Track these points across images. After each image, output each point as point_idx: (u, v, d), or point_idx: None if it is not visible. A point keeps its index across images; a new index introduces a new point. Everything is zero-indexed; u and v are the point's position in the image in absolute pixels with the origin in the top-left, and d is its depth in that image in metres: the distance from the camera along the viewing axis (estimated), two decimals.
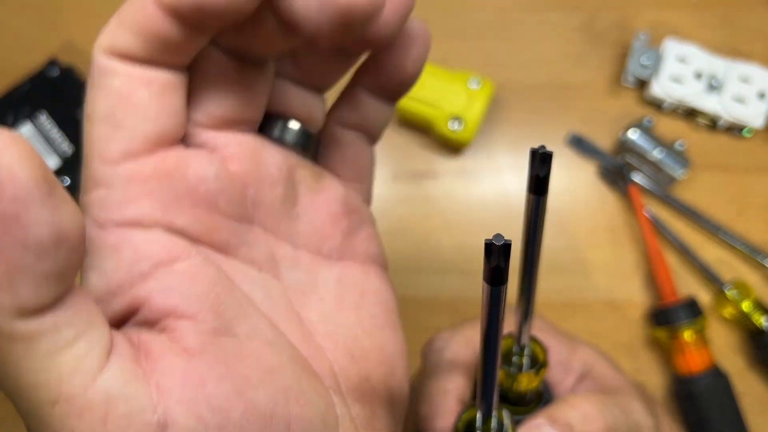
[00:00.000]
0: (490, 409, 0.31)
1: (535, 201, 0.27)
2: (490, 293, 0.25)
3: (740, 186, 0.60)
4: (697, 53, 0.59)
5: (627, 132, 0.59)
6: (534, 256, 0.29)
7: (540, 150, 0.25)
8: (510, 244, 0.24)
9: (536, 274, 0.30)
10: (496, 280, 0.24)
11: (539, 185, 0.26)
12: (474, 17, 0.63)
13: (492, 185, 0.60)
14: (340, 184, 0.31)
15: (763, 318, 0.55)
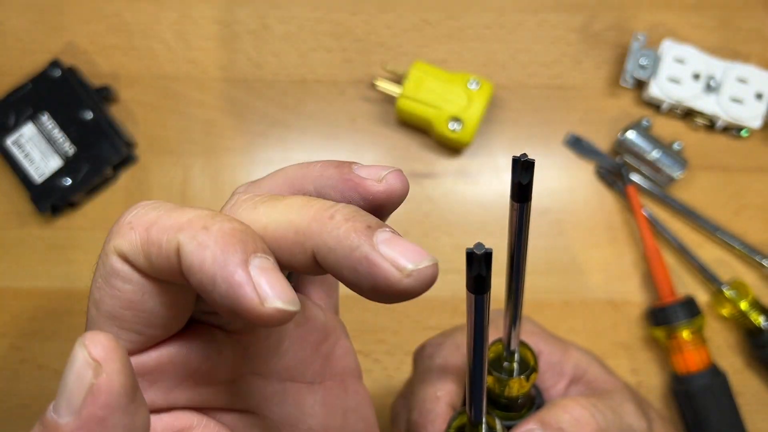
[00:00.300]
0: (480, 414, 0.32)
1: (519, 208, 0.27)
2: (473, 301, 0.25)
3: (738, 186, 0.60)
4: (695, 54, 0.60)
5: (625, 132, 0.59)
6: (520, 262, 0.29)
7: (522, 158, 0.25)
8: (491, 253, 0.24)
9: (523, 280, 0.30)
10: (478, 289, 0.25)
11: (522, 192, 0.26)
12: (473, 19, 0.63)
13: (491, 185, 0.60)
14: (318, 308, 0.30)
15: (760, 317, 0.56)
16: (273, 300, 0.20)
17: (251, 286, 0.20)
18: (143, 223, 0.23)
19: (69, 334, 0.57)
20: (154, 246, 0.22)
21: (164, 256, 0.22)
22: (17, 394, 0.57)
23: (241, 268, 0.20)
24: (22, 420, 0.56)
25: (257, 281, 0.20)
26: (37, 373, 0.57)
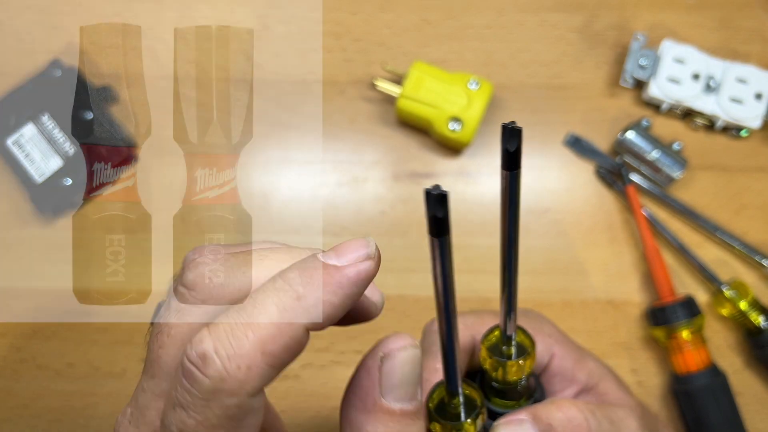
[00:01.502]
0: (455, 385, 0.32)
1: (509, 177, 0.27)
2: (434, 245, 0.26)
3: (738, 186, 0.60)
4: (694, 54, 0.60)
5: (625, 132, 0.59)
6: (512, 236, 0.30)
7: (509, 125, 0.25)
8: (446, 194, 0.24)
9: (517, 257, 0.31)
10: (436, 231, 0.25)
11: (510, 160, 0.26)
12: (473, 18, 0.63)
13: (491, 185, 0.60)
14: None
15: (760, 317, 0.56)
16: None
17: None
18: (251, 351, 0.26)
19: (69, 335, 0.57)
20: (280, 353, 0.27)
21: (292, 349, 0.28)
22: (17, 394, 0.57)
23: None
24: (21, 420, 0.56)
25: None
26: (36, 373, 0.57)
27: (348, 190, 0.60)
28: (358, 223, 0.59)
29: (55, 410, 0.56)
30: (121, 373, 0.57)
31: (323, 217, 0.59)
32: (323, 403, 0.56)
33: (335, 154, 0.61)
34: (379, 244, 0.59)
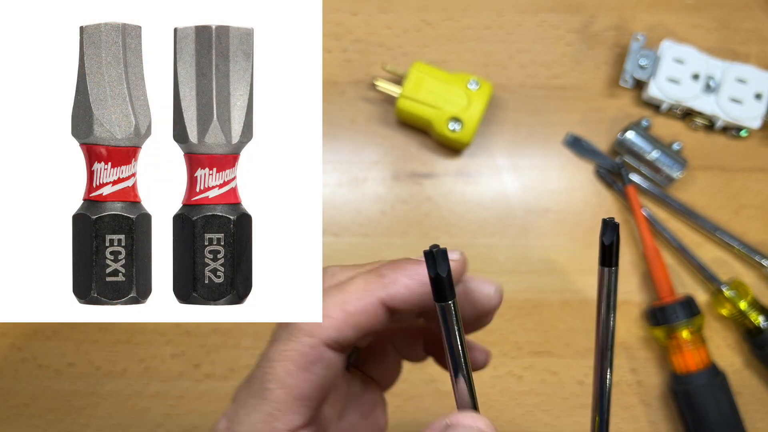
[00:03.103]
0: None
1: (605, 274, 0.29)
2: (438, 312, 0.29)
3: (737, 186, 0.60)
4: (694, 54, 0.60)
5: (625, 132, 0.59)
6: (608, 334, 0.31)
7: (609, 220, 0.28)
8: (446, 251, 0.28)
9: (612, 365, 0.32)
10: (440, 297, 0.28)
11: (606, 254, 0.28)
12: (473, 19, 0.63)
13: (491, 185, 0.60)
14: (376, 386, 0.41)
15: (760, 317, 0.56)
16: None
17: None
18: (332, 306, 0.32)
19: (70, 334, 0.58)
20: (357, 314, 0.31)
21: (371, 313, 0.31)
22: (18, 394, 0.57)
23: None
24: (22, 419, 0.56)
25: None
26: (37, 373, 0.57)
27: (348, 190, 0.60)
28: (358, 223, 0.60)
29: (55, 410, 0.57)
30: (122, 372, 0.57)
31: (323, 217, 0.59)
32: None
33: (335, 154, 0.61)
34: (379, 244, 0.59)
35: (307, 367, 0.30)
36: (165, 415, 0.57)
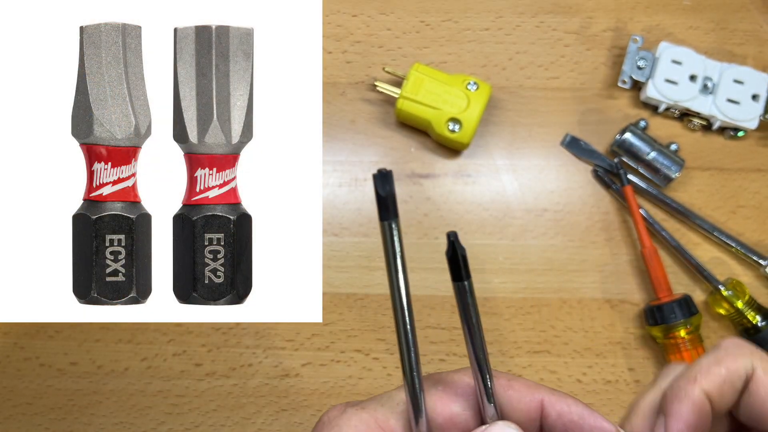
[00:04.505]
0: (416, 390, 0.31)
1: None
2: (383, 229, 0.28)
3: (734, 186, 0.61)
4: (691, 56, 0.60)
5: (623, 133, 0.59)
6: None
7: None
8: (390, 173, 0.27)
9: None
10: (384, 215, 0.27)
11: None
12: (472, 21, 0.63)
13: (490, 186, 0.61)
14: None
15: (757, 316, 0.56)
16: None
17: None
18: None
19: (72, 333, 0.58)
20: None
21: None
22: (20, 393, 0.57)
23: None
24: (25, 418, 0.57)
25: None
26: (40, 372, 0.57)
27: (348, 190, 0.61)
28: (358, 224, 0.60)
29: (58, 408, 0.57)
30: (124, 371, 0.57)
31: (323, 217, 0.60)
32: (324, 401, 0.57)
33: (335, 155, 0.61)
34: (379, 244, 0.59)
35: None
36: (167, 413, 0.57)
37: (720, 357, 0.32)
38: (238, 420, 0.57)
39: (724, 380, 0.31)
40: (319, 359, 0.58)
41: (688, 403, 0.30)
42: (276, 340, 0.58)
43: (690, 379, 0.31)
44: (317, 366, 0.58)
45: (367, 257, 0.59)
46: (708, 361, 0.31)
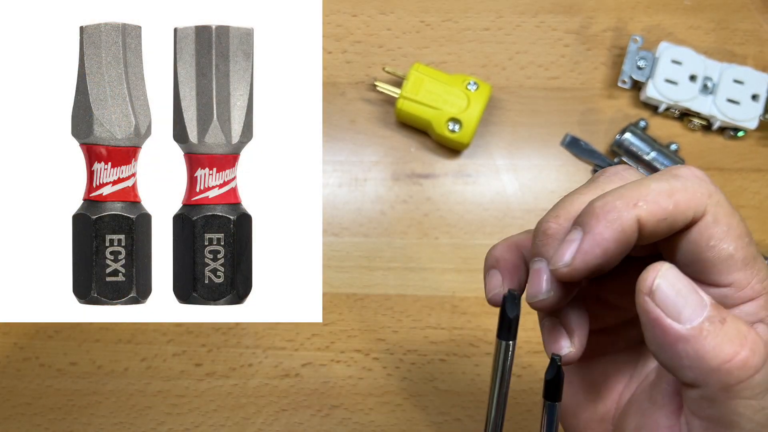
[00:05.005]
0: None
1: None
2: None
3: (734, 186, 0.61)
4: (691, 56, 0.60)
5: (623, 133, 0.59)
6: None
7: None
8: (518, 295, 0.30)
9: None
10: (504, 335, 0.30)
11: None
12: (472, 21, 0.63)
13: (490, 186, 0.61)
14: None
15: None
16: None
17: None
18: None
19: (72, 333, 0.58)
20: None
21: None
22: (20, 393, 0.57)
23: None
24: (24, 418, 0.57)
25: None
26: (39, 372, 0.57)
27: (348, 190, 0.61)
28: (358, 223, 0.60)
29: (57, 409, 0.57)
30: (124, 371, 0.57)
31: (323, 217, 0.60)
32: (324, 402, 0.57)
33: (335, 155, 0.61)
34: (379, 244, 0.60)
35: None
36: (167, 413, 0.57)
37: (673, 188, 0.28)
38: (238, 420, 0.57)
39: (666, 216, 0.27)
40: (319, 359, 0.58)
41: (616, 229, 0.27)
42: (276, 340, 0.58)
43: (629, 201, 0.27)
44: (317, 366, 0.58)
45: (367, 257, 0.59)
46: (658, 188, 0.28)
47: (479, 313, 0.58)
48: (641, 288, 0.27)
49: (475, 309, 0.58)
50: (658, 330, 0.27)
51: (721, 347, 0.26)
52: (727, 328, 0.27)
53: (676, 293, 0.27)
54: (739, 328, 0.27)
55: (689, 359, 0.27)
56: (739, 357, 0.26)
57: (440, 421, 0.57)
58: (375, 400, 0.57)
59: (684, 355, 0.27)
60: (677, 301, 0.27)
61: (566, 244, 0.28)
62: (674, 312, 0.27)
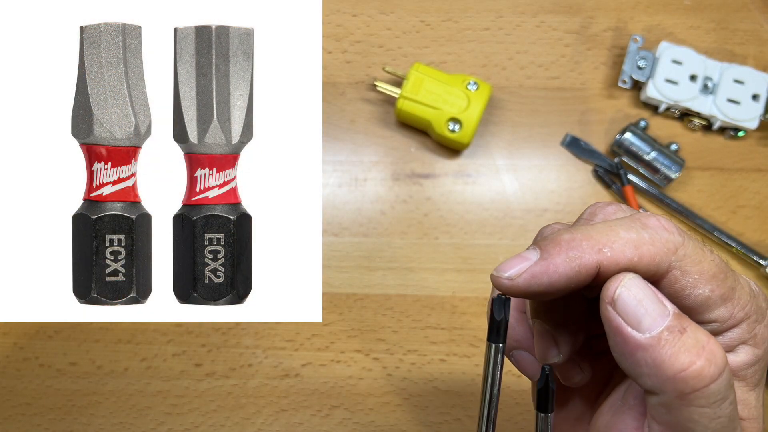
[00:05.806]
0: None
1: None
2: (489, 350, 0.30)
3: (735, 186, 0.61)
4: (692, 56, 0.60)
5: (623, 133, 0.59)
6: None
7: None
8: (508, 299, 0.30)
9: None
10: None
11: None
12: (472, 21, 0.63)
13: (490, 186, 0.61)
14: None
15: None
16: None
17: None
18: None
19: (72, 333, 0.58)
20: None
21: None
22: (20, 393, 0.57)
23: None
24: (24, 418, 0.57)
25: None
26: (39, 372, 0.57)
27: (348, 190, 0.61)
28: (358, 224, 0.60)
29: (57, 409, 0.57)
30: (123, 371, 0.57)
31: (323, 217, 0.60)
32: (323, 402, 0.57)
33: (335, 155, 0.61)
34: (379, 244, 0.60)
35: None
36: (167, 413, 0.57)
37: (641, 240, 0.28)
38: (238, 420, 0.57)
39: (629, 266, 0.28)
40: (319, 359, 0.58)
41: (573, 267, 0.28)
42: (276, 340, 0.58)
43: (594, 244, 0.28)
44: (317, 366, 0.58)
45: (367, 257, 0.59)
46: (626, 239, 0.28)
47: (479, 313, 0.58)
48: (604, 297, 0.28)
49: (475, 309, 0.58)
50: (619, 338, 0.28)
51: (678, 356, 0.27)
52: (685, 338, 0.27)
53: (637, 303, 0.28)
54: (698, 338, 0.27)
55: (648, 367, 0.27)
56: (695, 367, 0.27)
57: (440, 421, 0.57)
58: (375, 400, 0.57)
59: (643, 363, 0.27)
60: (638, 311, 0.28)
61: (518, 259, 0.29)
62: (634, 321, 0.28)
